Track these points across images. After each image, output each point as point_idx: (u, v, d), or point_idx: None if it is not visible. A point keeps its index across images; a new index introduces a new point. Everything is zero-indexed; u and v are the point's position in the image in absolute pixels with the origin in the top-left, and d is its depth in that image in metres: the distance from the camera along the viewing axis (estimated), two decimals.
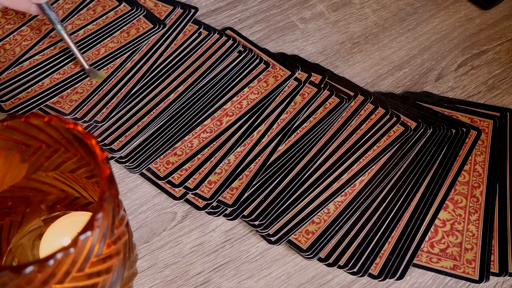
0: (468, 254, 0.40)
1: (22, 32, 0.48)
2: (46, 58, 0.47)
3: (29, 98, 0.44)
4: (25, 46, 0.47)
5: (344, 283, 0.39)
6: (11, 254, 0.33)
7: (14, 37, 0.48)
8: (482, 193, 0.43)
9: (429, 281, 0.39)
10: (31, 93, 0.45)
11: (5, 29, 0.48)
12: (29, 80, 0.45)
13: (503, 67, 0.52)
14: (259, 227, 0.40)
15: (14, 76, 0.45)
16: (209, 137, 0.44)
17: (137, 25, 0.50)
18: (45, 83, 0.45)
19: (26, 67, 0.46)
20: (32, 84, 0.45)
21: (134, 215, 0.41)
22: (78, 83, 0.46)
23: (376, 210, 0.41)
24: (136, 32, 0.49)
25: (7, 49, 0.47)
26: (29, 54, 0.47)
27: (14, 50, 0.47)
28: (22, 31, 0.48)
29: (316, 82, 0.48)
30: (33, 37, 0.48)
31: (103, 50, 0.48)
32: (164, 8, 0.51)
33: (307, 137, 0.44)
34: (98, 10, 0.50)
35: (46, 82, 0.45)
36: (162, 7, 0.51)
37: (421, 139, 0.45)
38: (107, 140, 0.44)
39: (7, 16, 0.49)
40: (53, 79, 0.46)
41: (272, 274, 0.39)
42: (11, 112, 0.44)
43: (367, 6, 0.55)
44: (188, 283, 0.39)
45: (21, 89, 0.45)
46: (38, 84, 0.45)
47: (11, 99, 0.44)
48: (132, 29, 0.49)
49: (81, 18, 0.49)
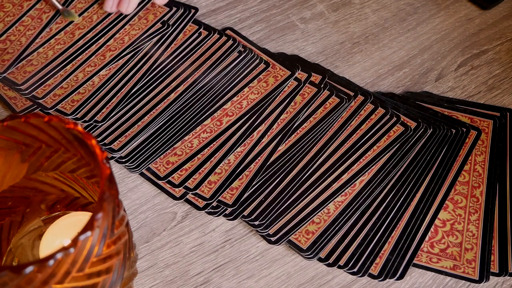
0: (468, 254, 0.40)
1: (24, 23, 0.49)
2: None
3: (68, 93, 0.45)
4: (30, 36, 0.48)
5: (344, 283, 0.39)
6: (11, 254, 0.33)
7: (17, 28, 0.48)
8: (482, 193, 0.43)
9: (429, 281, 0.39)
10: (69, 88, 0.46)
11: (6, 22, 0.49)
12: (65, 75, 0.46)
13: (503, 67, 0.52)
14: (259, 227, 0.40)
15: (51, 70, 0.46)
16: (209, 137, 0.44)
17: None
18: (79, 77, 0.46)
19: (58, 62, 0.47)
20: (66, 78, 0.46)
21: (134, 215, 0.41)
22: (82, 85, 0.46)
23: (376, 210, 0.41)
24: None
25: (12, 40, 0.47)
26: (37, 43, 0.48)
27: (20, 41, 0.47)
28: (23, 21, 0.49)
29: (316, 82, 0.48)
30: (35, 26, 0.48)
31: (108, 54, 0.48)
32: (160, 9, 0.51)
33: (307, 137, 0.44)
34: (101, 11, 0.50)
35: (80, 76, 0.46)
36: (159, 7, 0.51)
37: (421, 139, 0.45)
38: (107, 140, 0.44)
39: (5, 9, 0.50)
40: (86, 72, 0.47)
41: (272, 274, 0.39)
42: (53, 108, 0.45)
43: (367, 6, 0.55)
44: (188, 283, 0.39)
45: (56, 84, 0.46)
46: (73, 79, 0.46)
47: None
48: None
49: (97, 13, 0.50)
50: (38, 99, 0.45)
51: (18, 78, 0.45)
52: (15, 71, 0.46)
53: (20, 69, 0.46)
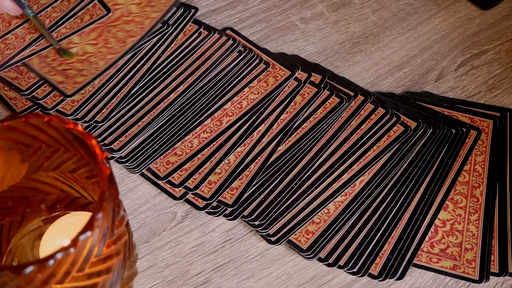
0: (468, 254, 0.40)
1: (6, 41, 0.47)
2: None
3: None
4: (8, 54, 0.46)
5: (344, 283, 0.39)
6: (11, 254, 0.33)
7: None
8: (482, 193, 0.43)
9: (429, 281, 0.40)
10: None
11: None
12: None
13: (503, 67, 0.52)
14: (259, 227, 0.40)
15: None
16: (209, 137, 0.44)
17: None
18: None
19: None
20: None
21: (134, 215, 0.41)
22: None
23: (376, 210, 0.41)
24: None
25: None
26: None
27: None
28: (6, 39, 0.47)
29: (316, 82, 0.48)
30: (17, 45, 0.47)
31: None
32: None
33: (307, 137, 0.44)
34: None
35: None
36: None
37: (421, 139, 0.45)
38: (107, 140, 0.44)
39: None
40: None
41: (272, 274, 0.39)
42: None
43: (367, 6, 0.55)
44: (188, 283, 0.39)
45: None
46: None
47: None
48: None
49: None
50: (39, 100, 0.45)
51: (22, 84, 0.45)
52: (19, 77, 0.46)
53: (24, 75, 0.46)
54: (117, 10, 0.50)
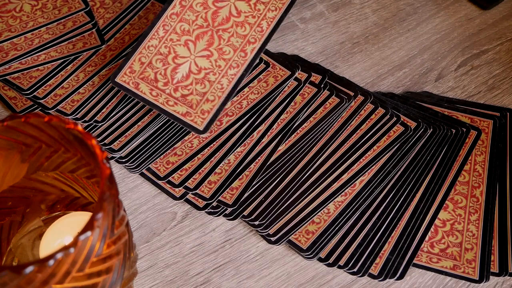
0: (468, 254, 0.40)
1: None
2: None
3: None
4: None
5: (344, 283, 0.39)
6: (11, 254, 0.33)
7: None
8: (482, 193, 0.43)
9: (429, 281, 0.40)
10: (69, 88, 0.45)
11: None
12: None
13: (503, 67, 0.52)
14: (259, 227, 0.40)
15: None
16: (209, 137, 0.44)
17: None
18: (80, 77, 0.46)
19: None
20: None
21: (134, 215, 0.41)
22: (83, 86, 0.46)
23: (376, 210, 0.41)
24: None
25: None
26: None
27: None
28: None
29: (316, 82, 0.48)
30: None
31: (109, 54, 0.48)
32: None
33: (307, 137, 0.44)
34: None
35: (80, 76, 0.46)
36: None
37: (421, 139, 0.45)
38: (107, 140, 0.44)
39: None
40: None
41: (272, 274, 0.39)
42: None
43: (367, 6, 0.55)
44: (188, 283, 0.39)
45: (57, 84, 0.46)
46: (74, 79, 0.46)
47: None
48: None
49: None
50: (39, 99, 0.45)
51: (24, 83, 0.45)
52: (20, 76, 0.45)
53: (25, 74, 0.46)
54: (222, 9, 0.40)
